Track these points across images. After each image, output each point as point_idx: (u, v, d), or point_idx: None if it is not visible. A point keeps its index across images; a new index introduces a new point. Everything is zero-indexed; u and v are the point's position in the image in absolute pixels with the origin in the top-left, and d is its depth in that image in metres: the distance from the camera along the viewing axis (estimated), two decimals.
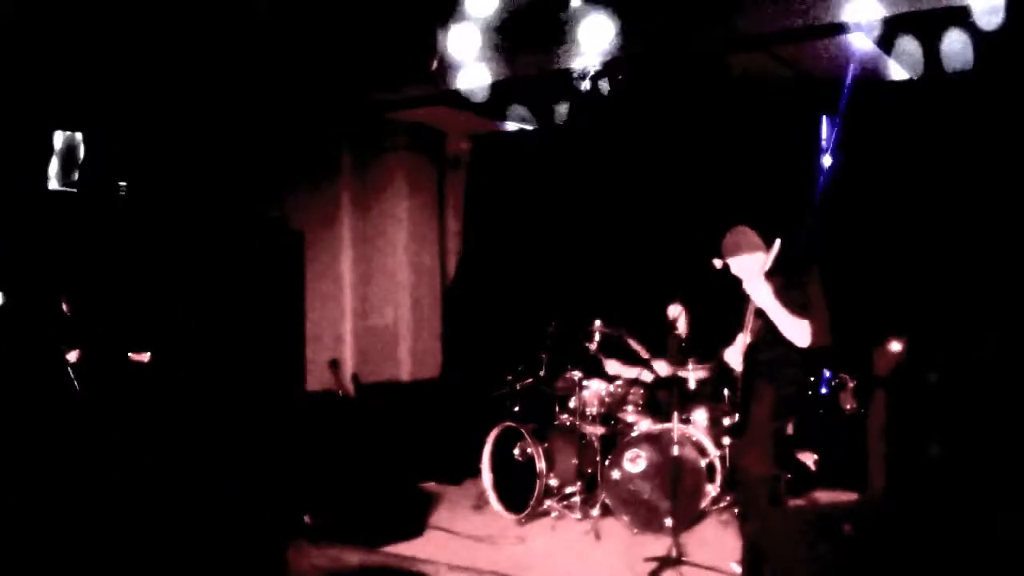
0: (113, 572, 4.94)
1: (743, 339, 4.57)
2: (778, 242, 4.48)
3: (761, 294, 4.42)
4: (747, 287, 4.47)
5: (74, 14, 6.01)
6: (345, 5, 6.35)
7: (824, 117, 6.69)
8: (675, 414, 5.67)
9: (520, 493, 6.16)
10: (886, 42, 5.81)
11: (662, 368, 6.37)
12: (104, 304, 7.25)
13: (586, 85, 6.49)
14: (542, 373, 6.65)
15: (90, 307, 7.15)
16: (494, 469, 6.43)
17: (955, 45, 5.61)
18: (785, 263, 4.56)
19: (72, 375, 6.79)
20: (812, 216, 6.44)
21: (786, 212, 6.48)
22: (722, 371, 5.97)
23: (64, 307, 7.04)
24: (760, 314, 4.48)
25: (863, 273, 6.46)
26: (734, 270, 4.63)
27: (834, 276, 6.39)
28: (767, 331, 4.50)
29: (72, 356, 6.90)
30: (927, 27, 5.61)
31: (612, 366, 6.61)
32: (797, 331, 4.39)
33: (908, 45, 5.81)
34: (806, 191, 6.61)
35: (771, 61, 6.46)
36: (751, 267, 4.56)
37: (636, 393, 6.27)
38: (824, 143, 6.70)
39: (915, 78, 6.33)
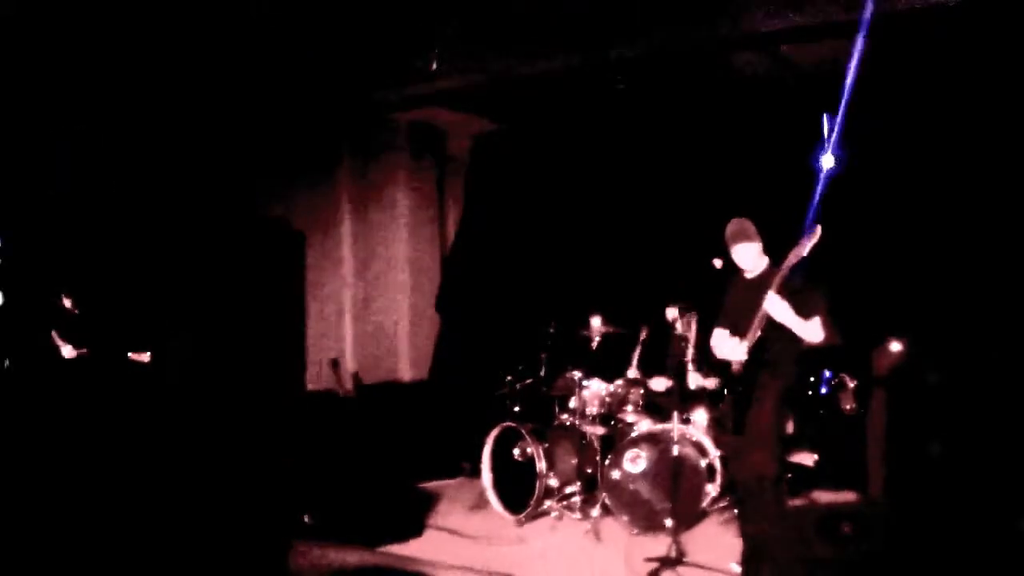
0: (114, 572, 4.94)
1: (752, 334, 4.59)
2: (819, 228, 4.42)
3: (780, 310, 4.47)
4: (766, 305, 4.50)
5: (75, 13, 6.00)
6: (345, 5, 6.35)
7: (825, 116, 6.69)
8: (675, 414, 5.67)
9: (520, 493, 6.15)
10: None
11: (659, 384, 6.37)
12: (105, 303, 7.26)
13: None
14: (542, 373, 6.65)
15: (91, 306, 7.15)
16: (494, 469, 6.42)
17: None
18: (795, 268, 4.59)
19: (70, 373, 6.78)
20: (812, 216, 6.43)
21: (787, 211, 6.49)
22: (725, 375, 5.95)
23: (68, 304, 7.03)
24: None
25: (863, 273, 6.45)
26: (735, 258, 4.69)
27: (834, 276, 6.38)
28: (775, 327, 4.52)
29: (67, 352, 6.89)
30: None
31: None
32: (812, 333, 4.54)
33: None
34: (807, 191, 6.61)
35: (772, 61, 6.46)
36: (751, 255, 4.68)
37: (636, 393, 6.27)
38: (825, 142, 6.69)
39: (916, 75, 6.33)
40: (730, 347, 4.83)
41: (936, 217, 6.22)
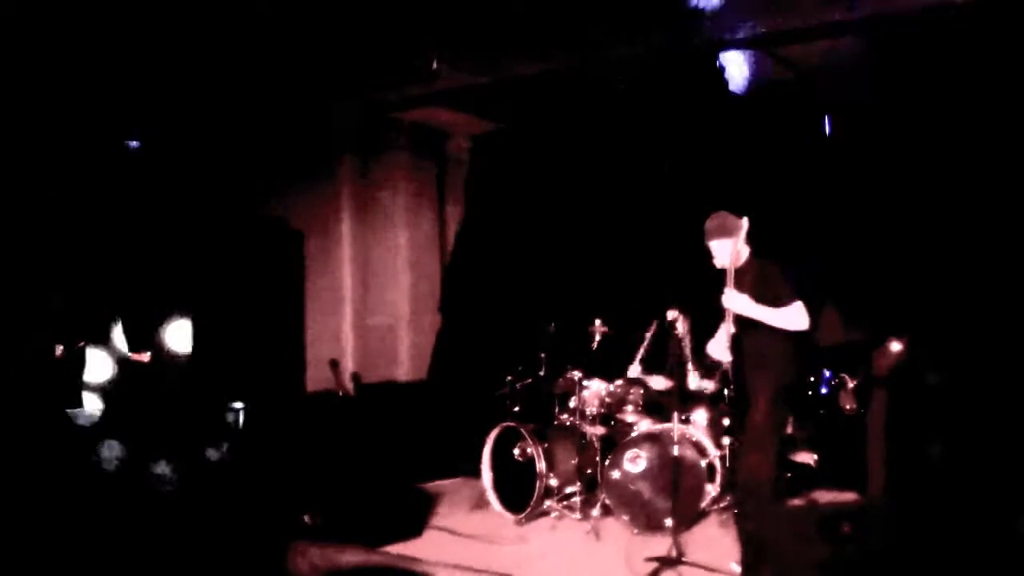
0: (113, 572, 4.94)
1: (726, 329, 4.57)
2: (745, 222, 4.54)
3: (739, 305, 4.44)
4: (724, 301, 4.48)
5: (73, 13, 6.00)
6: (346, 5, 6.35)
7: (826, 116, 6.69)
8: (675, 414, 5.67)
9: (520, 493, 6.15)
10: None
11: (659, 383, 6.37)
12: (104, 303, 7.25)
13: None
14: (542, 373, 6.65)
15: (90, 306, 7.14)
16: (494, 469, 6.43)
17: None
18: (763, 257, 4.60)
19: (62, 371, 6.77)
20: (812, 216, 6.44)
21: (787, 212, 6.49)
22: (725, 375, 5.96)
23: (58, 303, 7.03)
24: None
25: (863, 273, 6.46)
26: (714, 253, 4.67)
27: (834, 276, 6.39)
28: (748, 323, 4.50)
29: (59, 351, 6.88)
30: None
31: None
32: (789, 321, 4.42)
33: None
34: (807, 191, 6.61)
35: (772, 61, 6.47)
36: (727, 251, 4.61)
37: (636, 393, 6.27)
38: (825, 143, 6.70)
39: (919, 74, 6.33)
40: (713, 347, 4.85)
41: (937, 217, 6.22)
